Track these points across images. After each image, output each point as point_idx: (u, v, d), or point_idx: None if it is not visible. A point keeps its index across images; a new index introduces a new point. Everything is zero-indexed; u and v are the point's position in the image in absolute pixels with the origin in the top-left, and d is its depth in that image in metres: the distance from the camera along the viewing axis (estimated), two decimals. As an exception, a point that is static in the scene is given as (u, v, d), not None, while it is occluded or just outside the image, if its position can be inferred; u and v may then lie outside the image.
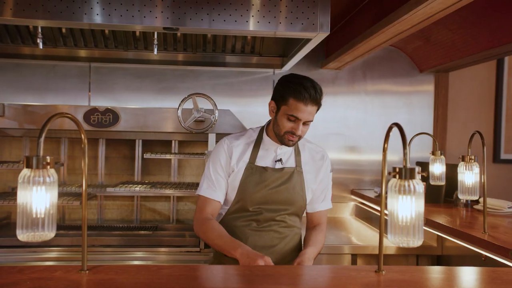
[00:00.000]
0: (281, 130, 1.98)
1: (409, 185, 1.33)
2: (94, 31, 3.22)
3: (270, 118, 2.12)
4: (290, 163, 2.09)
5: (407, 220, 1.33)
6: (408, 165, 1.34)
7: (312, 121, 1.99)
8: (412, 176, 1.33)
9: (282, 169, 2.05)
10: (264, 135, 2.11)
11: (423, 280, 1.49)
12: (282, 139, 2.00)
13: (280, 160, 2.07)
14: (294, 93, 1.93)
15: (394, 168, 1.35)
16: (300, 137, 2.01)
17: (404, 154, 1.35)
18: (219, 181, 2.05)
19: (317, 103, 1.97)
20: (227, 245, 1.88)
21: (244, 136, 2.13)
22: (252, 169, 2.03)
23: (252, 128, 2.20)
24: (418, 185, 1.33)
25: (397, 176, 1.34)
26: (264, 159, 2.07)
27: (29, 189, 1.25)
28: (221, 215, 2.12)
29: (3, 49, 3.40)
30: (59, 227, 3.08)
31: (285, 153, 2.10)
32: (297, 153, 2.11)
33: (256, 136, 2.12)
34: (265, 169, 2.03)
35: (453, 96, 3.87)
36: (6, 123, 3.00)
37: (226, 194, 2.08)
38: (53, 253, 2.78)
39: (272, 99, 2.07)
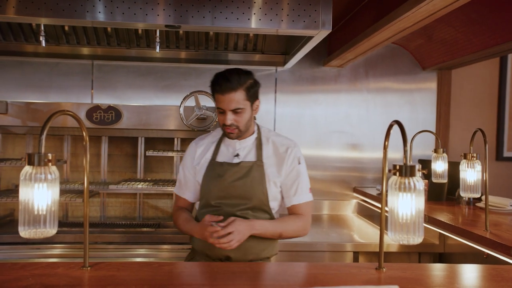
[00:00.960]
0: (220, 124, 2.07)
1: (409, 183, 1.33)
2: (97, 29, 3.23)
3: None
4: (251, 157, 2.10)
5: (407, 218, 1.34)
6: (409, 163, 1.34)
7: (240, 108, 1.99)
8: (412, 174, 1.33)
9: (239, 163, 2.07)
10: None
11: (423, 277, 1.49)
12: (224, 132, 2.07)
13: (238, 155, 2.10)
14: (213, 87, 2.01)
15: (395, 166, 1.35)
16: (238, 128, 2.02)
17: (405, 151, 1.35)
18: (187, 181, 2.18)
19: (234, 89, 1.96)
20: (191, 229, 2.04)
21: (211, 135, 2.22)
22: (212, 165, 2.10)
23: (218, 128, 2.24)
24: (418, 182, 1.33)
25: (397, 173, 1.34)
26: (224, 155, 2.12)
27: (30, 186, 1.26)
28: (196, 211, 2.23)
29: (7, 47, 3.41)
30: (62, 224, 3.13)
31: (245, 147, 2.12)
32: (259, 147, 2.12)
33: (220, 134, 2.18)
34: (222, 164, 2.08)
35: (455, 93, 3.86)
36: (9, 121, 3.02)
37: (197, 191, 2.17)
38: (57, 250, 2.80)
39: None
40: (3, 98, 3.08)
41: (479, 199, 2.98)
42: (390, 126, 1.46)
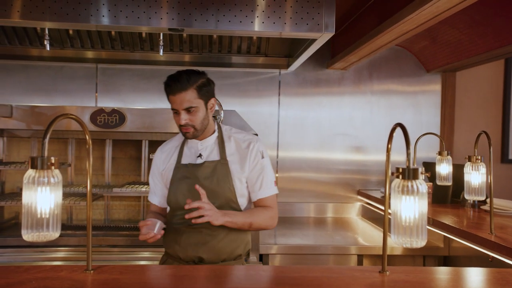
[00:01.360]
0: (177, 125, 2.07)
1: (412, 186, 1.32)
2: (101, 32, 3.25)
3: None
4: (214, 156, 2.11)
5: (410, 221, 1.33)
6: (412, 166, 1.33)
7: (193, 107, 2.00)
8: (415, 177, 1.32)
9: (202, 163, 2.07)
10: None
11: (427, 281, 1.48)
12: (181, 133, 2.08)
13: (200, 155, 2.11)
14: (165, 89, 2.03)
15: (397, 169, 1.34)
16: (193, 127, 2.03)
17: (408, 154, 1.34)
18: (156, 187, 2.21)
19: (184, 89, 1.98)
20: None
21: (174, 140, 2.23)
22: (178, 168, 2.11)
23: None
24: (422, 185, 1.32)
25: (400, 176, 1.34)
26: (188, 157, 2.13)
27: (34, 190, 1.26)
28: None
29: (12, 51, 3.44)
30: (66, 227, 3.14)
31: (207, 147, 2.12)
32: (221, 145, 2.12)
33: (184, 137, 2.18)
34: (186, 166, 2.09)
35: (460, 96, 3.84)
36: (14, 124, 3.03)
37: (165, 196, 2.18)
38: (61, 253, 2.80)
39: None
40: (9, 102, 3.09)
41: (484, 202, 2.96)
42: (393, 129, 1.46)
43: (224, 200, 2.05)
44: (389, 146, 1.48)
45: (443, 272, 1.63)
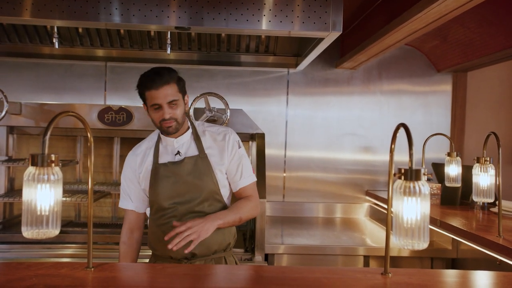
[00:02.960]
0: (156, 122, 2.04)
1: (414, 187, 1.30)
2: (110, 31, 3.26)
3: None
4: (192, 151, 2.10)
5: (412, 222, 1.31)
6: (414, 167, 1.31)
7: (175, 100, 2.01)
8: (417, 178, 1.30)
9: (182, 160, 2.07)
10: (160, 134, 2.15)
11: (430, 284, 1.46)
12: (162, 129, 2.05)
13: (178, 152, 2.10)
14: (143, 85, 2.02)
15: (399, 169, 1.32)
16: (176, 120, 2.02)
17: (410, 155, 1.32)
18: (131, 192, 2.15)
19: (167, 82, 1.99)
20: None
21: (146, 141, 2.20)
22: (156, 169, 2.08)
23: (151, 134, 2.23)
24: (424, 186, 1.30)
25: (402, 177, 1.31)
26: (165, 156, 2.11)
27: (33, 187, 1.27)
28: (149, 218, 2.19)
29: (22, 49, 3.48)
30: (74, 224, 3.17)
31: (184, 144, 2.12)
32: (198, 140, 2.12)
33: (156, 138, 2.17)
34: (166, 165, 2.07)
35: (471, 96, 3.79)
36: (23, 122, 3.06)
37: (145, 199, 2.15)
38: (68, 250, 2.82)
39: (143, 103, 2.12)
40: (19, 99, 3.13)
41: (493, 204, 2.92)
42: (397, 129, 1.44)
43: (208, 193, 2.06)
44: (393, 146, 1.46)
45: (447, 275, 1.60)
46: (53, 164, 1.28)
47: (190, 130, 2.14)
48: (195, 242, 1.83)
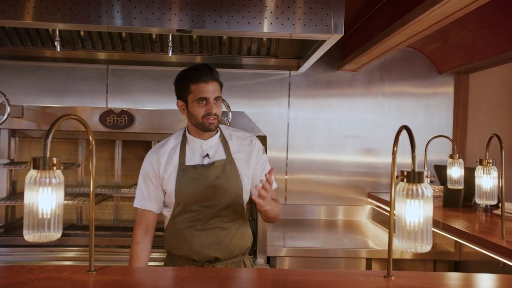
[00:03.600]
0: (198, 117, 2.01)
1: (417, 189, 1.29)
2: (112, 34, 3.27)
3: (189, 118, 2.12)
4: (220, 155, 2.09)
5: (415, 225, 1.30)
6: (417, 169, 1.31)
7: (220, 97, 2.03)
8: (420, 180, 1.30)
9: (212, 163, 2.05)
10: (188, 134, 2.12)
11: (433, 287, 1.45)
12: (203, 125, 2.02)
13: (207, 155, 2.08)
14: (192, 78, 2.00)
15: (402, 172, 1.32)
16: (218, 117, 2.02)
17: (413, 157, 1.32)
18: (150, 192, 2.11)
19: (216, 79, 2.02)
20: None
21: (169, 141, 2.15)
22: (183, 170, 2.05)
23: (175, 133, 2.20)
24: (427, 189, 1.30)
25: (405, 179, 1.31)
26: (193, 158, 2.09)
27: (35, 190, 1.27)
28: (166, 219, 2.16)
29: (24, 52, 3.49)
30: (76, 227, 3.16)
31: (212, 146, 2.11)
32: (225, 144, 2.12)
33: (181, 138, 2.14)
34: (195, 167, 2.05)
35: (473, 98, 3.78)
36: (25, 125, 3.06)
37: (166, 199, 2.12)
38: (70, 253, 2.82)
39: (178, 99, 2.10)
40: (21, 102, 3.12)
41: (496, 206, 2.90)
42: (399, 132, 1.43)
43: (234, 196, 2.06)
44: (395, 148, 1.46)
45: (450, 278, 1.60)
46: (54, 167, 1.28)
47: (218, 133, 2.13)
48: (259, 202, 1.83)
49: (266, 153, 2.24)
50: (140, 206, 2.13)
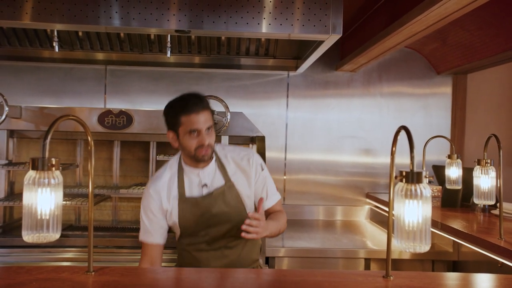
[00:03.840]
0: (191, 150, 1.96)
1: (415, 189, 1.30)
2: (110, 34, 3.26)
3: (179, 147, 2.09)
4: (218, 181, 2.06)
5: (413, 225, 1.31)
6: (416, 169, 1.31)
7: (212, 126, 1.98)
8: (419, 180, 1.30)
9: (211, 193, 2.03)
10: (183, 164, 2.08)
11: (432, 287, 1.45)
12: (196, 157, 1.97)
13: (205, 185, 2.05)
14: (182, 110, 1.93)
15: (401, 172, 1.32)
16: (211, 146, 1.98)
17: (411, 158, 1.32)
18: (153, 225, 2.07)
19: (207, 108, 1.96)
20: None
21: (165, 173, 2.10)
22: (184, 202, 2.03)
23: (169, 162, 2.16)
24: (425, 189, 1.30)
25: (404, 180, 1.31)
26: (192, 189, 2.05)
27: (34, 191, 1.27)
28: (175, 237, 2.17)
29: (22, 52, 3.48)
30: (74, 228, 3.16)
31: (209, 173, 2.06)
32: (222, 168, 2.08)
33: (176, 167, 2.10)
34: (195, 199, 2.03)
35: (471, 98, 3.79)
36: (23, 125, 3.06)
37: (171, 226, 2.11)
38: (68, 254, 2.81)
39: (168, 130, 2.04)
40: (19, 103, 3.12)
41: (494, 206, 2.91)
42: (397, 132, 1.44)
43: (237, 219, 2.02)
44: (394, 149, 1.46)
45: (448, 278, 1.60)
46: (53, 168, 1.28)
47: (214, 158, 2.09)
48: (251, 236, 1.84)
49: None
50: (146, 239, 2.09)
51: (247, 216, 2.03)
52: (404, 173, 1.32)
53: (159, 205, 2.05)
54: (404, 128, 1.39)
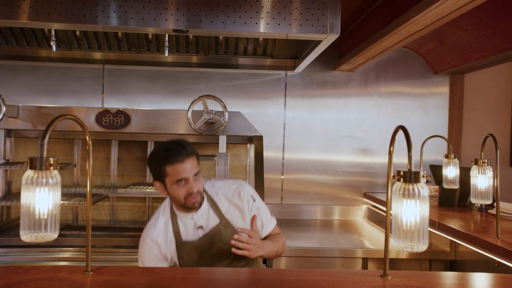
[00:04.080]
0: (180, 199, 1.94)
1: (413, 189, 1.30)
2: (108, 33, 3.26)
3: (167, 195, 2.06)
4: (213, 220, 2.04)
5: (411, 225, 1.31)
6: (413, 169, 1.31)
7: (199, 171, 1.95)
8: (416, 180, 1.30)
9: (207, 234, 2.02)
10: (175, 210, 2.06)
11: (429, 286, 1.46)
12: (187, 206, 1.96)
13: (201, 226, 2.03)
14: (165, 160, 1.89)
15: (399, 172, 1.32)
16: (200, 192, 1.96)
17: (409, 157, 1.33)
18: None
19: (191, 154, 1.92)
20: None
21: (159, 219, 2.07)
22: (181, 246, 2.02)
23: (161, 207, 2.13)
24: (423, 189, 1.30)
25: (402, 179, 1.32)
26: (187, 232, 2.04)
27: (32, 190, 1.26)
28: None
29: (20, 52, 3.47)
30: (72, 228, 3.16)
31: (203, 214, 2.04)
32: (215, 207, 2.06)
33: (169, 212, 2.07)
34: (193, 243, 2.02)
35: (468, 98, 3.80)
36: (21, 125, 3.05)
37: (174, 265, 2.09)
38: (66, 253, 2.81)
39: (154, 180, 2.00)
40: (16, 102, 3.12)
41: (491, 206, 2.92)
42: (395, 132, 1.44)
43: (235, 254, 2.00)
44: (391, 148, 1.46)
45: (446, 277, 1.60)
46: (51, 168, 1.28)
47: (206, 198, 2.06)
48: (243, 252, 1.86)
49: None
50: None
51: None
52: (402, 173, 1.32)
53: (158, 252, 2.02)
54: (402, 128, 1.39)
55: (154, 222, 2.07)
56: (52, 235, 1.30)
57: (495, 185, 2.23)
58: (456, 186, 2.88)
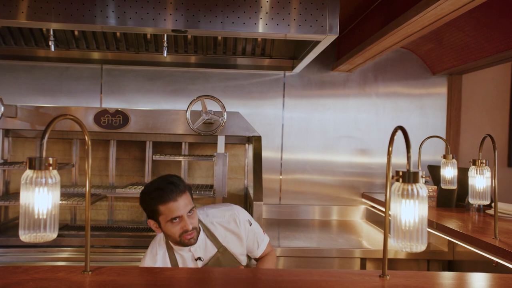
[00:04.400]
0: (175, 237, 1.93)
1: (412, 189, 1.30)
2: (106, 33, 3.26)
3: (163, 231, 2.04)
4: (210, 250, 2.04)
5: (410, 225, 1.31)
6: (412, 169, 1.32)
7: (193, 208, 1.93)
8: (415, 180, 1.31)
9: (206, 264, 2.04)
10: (171, 244, 2.05)
11: (428, 286, 1.46)
12: (183, 243, 1.95)
13: (199, 258, 2.03)
14: (158, 200, 1.89)
15: (397, 172, 1.33)
16: (196, 228, 1.95)
17: (408, 157, 1.33)
18: None
19: (183, 191, 1.91)
20: None
21: (159, 249, 2.06)
22: None
23: (156, 239, 2.11)
24: (422, 189, 1.31)
25: (400, 180, 1.32)
26: (186, 264, 2.03)
27: (31, 190, 1.26)
28: None
29: (18, 52, 3.47)
30: (70, 228, 3.15)
31: (200, 246, 2.04)
32: (211, 236, 2.06)
33: (165, 245, 2.06)
34: None
35: (466, 99, 3.81)
36: (19, 125, 3.05)
37: None
38: (64, 253, 2.81)
39: (148, 219, 2.00)
40: (14, 102, 3.11)
41: (489, 206, 2.93)
42: (394, 132, 1.44)
43: None
44: (390, 149, 1.47)
45: (444, 277, 1.61)
46: (50, 168, 1.28)
47: (201, 230, 2.05)
48: None
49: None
50: None
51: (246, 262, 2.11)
52: (401, 173, 1.32)
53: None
54: (401, 128, 1.40)
55: (154, 251, 2.05)
56: (51, 235, 1.30)
57: (493, 185, 2.23)
58: (454, 187, 2.88)
